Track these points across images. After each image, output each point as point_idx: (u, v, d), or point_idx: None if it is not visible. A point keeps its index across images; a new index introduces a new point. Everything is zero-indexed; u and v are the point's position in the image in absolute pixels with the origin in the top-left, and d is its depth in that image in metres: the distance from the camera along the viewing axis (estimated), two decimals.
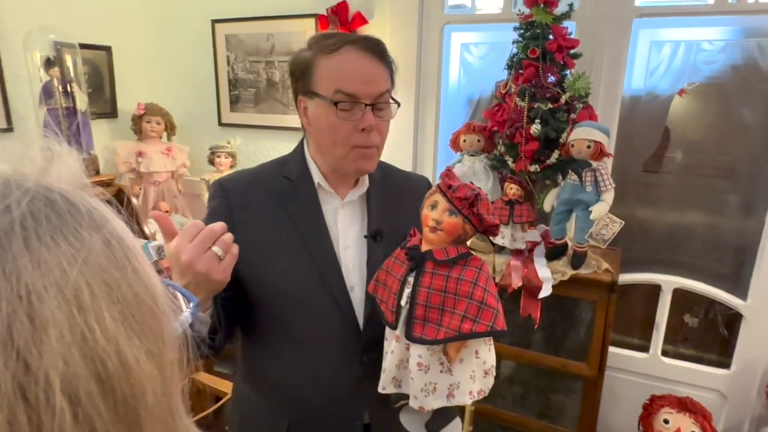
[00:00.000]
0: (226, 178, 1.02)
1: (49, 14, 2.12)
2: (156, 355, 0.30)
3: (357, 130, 0.89)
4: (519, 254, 1.74)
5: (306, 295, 0.95)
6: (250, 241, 0.93)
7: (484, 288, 0.80)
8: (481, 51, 2.12)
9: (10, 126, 2.07)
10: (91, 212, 0.30)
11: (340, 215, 1.00)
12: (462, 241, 0.85)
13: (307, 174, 0.99)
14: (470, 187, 0.84)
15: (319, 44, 0.90)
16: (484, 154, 1.83)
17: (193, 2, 2.54)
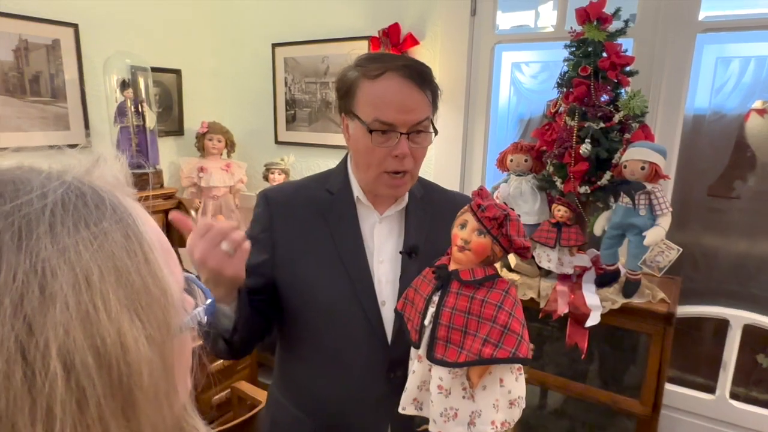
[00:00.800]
0: (271, 189, 1.07)
1: (127, 41, 2.33)
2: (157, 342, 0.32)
3: (391, 156, 0.90)
4: (566, 279, 1.66)
5: (336, 307, 0.97)
6: (286, 248, 0.99)
7: (509, 312, 0.77)
8: (533, 70, 2.08)
9: (89, 143, 2.27)
10: (116, 207, 0.33)
11: (377, 230, 1.01)
12: (491, 262, 0.83)
13: (348, 188, 1.01)
14: (501, 207, 0.82)
15: (364, 67, 0.91)
16: (532, 175, 1.78)
17: (255, 28, 2.69)
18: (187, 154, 2.70)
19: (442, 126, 2.19)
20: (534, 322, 1.74)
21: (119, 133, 2.21)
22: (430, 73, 0.92)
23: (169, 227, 2.31)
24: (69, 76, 2.17)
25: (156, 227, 0.38)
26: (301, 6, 2.51)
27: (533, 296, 1.68)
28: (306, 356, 1.02)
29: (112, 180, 0.37)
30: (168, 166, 2.64)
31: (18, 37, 2.00)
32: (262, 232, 1.00)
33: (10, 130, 2.02)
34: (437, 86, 0.95)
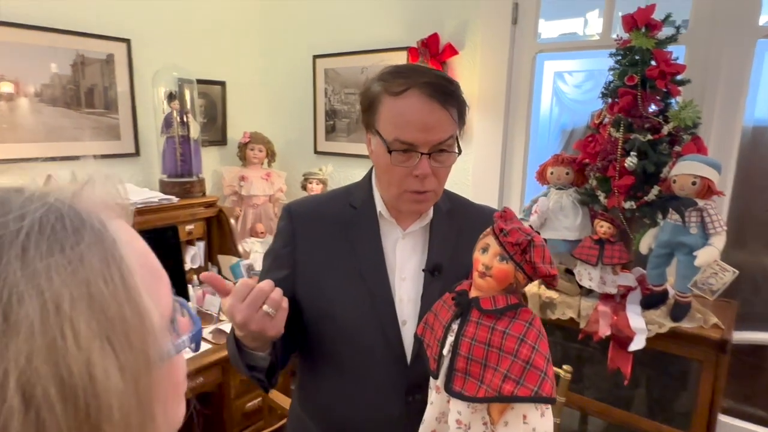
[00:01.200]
0: (295, 202, 1.06)
1: (175, 55, 2.42)
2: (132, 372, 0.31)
3: (411, 175, 0.88)
4: (609, 299, 1.57)
5: (355, 325, 0.94)
6: (308, 263, 0.97)
7: (532, 346, 0.72)
8: (577, 79, 2.01)
9: (138, 152, 2.37)
10: (97, 231, 0.32)
11: (400, 246, 0.98)
12: (513, 290, 0.78)
13: (371, 202, 0.99)
14: (525, 230, 0.76)
15: (387, 81, 0.89)
16: (573, 188, 1.70)
17: (297, 40, 2.74)
18: (229, 163, 2.77)
19: (481, 137, 2.15)
20: (573, 342, 1.66)
21: (165, 143, 2.29)
22: (455, 89, 0.89)
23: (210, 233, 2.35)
24: (121, 89, 2.28)
25: (144, 251, 0.37)
26: (342, 18, 2.53)
27: (573, 316, 1.60)
28: (324, 373, 1.00)
29: (100, 202, 0.36)
30: (211, 174, 2.71)
31: (75, 53, 2.12)
32: (284, 247, 0.99)
33: (67, 140, 2.13)
34: (464, 102, 0.91)
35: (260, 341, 0.83)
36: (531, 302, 1.67)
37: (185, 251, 2.28)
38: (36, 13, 1.97)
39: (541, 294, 1.66)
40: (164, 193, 2.22)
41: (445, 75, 0.91)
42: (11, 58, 1.93)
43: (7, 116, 1.96)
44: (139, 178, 2.37)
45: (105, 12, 2.18)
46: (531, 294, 1.67)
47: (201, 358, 1.81)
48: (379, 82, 0.90)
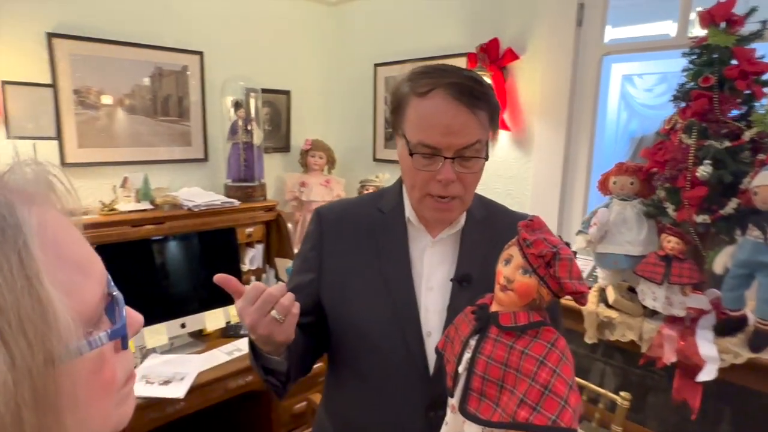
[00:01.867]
0: (325, 206, 1.03)
1: (243, 65, 2.55)
2: (26, 370, 0.29)
3: (434, 179, 0.84)
4: (676, 322, 1.42)
5: (377, 334, 0.90)
6: (333, 267, 0.95)
7: (552, 370, 0.65)
8: (648, 82, 1.86)
9: (206, 157, 2.51)
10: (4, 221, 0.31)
11: (428, 254, 0.94)
12: (537, 306, 0.71)
13: (400, 208, 0.96)
14: (552, 242, 0.70)
15: (414, 82, 0.85)
16: (638, 200, 1.57)
17: (359, 50, 2.79)
18: (292, 169, 2.86)
19: (542, 146, 2.05)
20: (634, 367, 1.52)
21: (230, 149, 2.41)
22: (485, 91, 0.84)
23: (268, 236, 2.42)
24: (194, 98, 2.43)
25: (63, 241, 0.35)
26: (403, 26, 2.54)
27: (634, 338, 1.47)
28: (347, 381, 0.97)
29: (19, 190, 0.34)
30: (274, 180, 2.81)
31: (154, 65, 2.29)
32: (311, 250, 0.98)
33: (143, 146, 2.31)
34: (496, 104, 0.86)
35: (272, 345, 0.82)
36: (587, 321, 1.56)
37: (245, 253, 2.37)
38: (120, 29, 2.16)
39: (599, 312, 1.54)
40: (227, 196, 2.33)
41: (475, 75, 0.85)
42: (98, 70, 2.13)
43: (98, 124, 2.15)
44: (207, 182, 2.51)
45: (181, 27, 2.34)
46: (588, 312, 1.56)
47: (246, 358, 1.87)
48: (407, 83, 0.87)
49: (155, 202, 2.15)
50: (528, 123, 2.11)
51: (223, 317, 2.04)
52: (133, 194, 2.15)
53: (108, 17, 2.13)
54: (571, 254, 0.69)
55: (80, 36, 2.05)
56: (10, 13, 1.89)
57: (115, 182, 2.14)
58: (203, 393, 1.74)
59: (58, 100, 2.02)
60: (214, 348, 1.96)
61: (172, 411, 1.66)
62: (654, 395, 1.50)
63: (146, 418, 1.62)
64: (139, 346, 1.82)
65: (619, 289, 1.56)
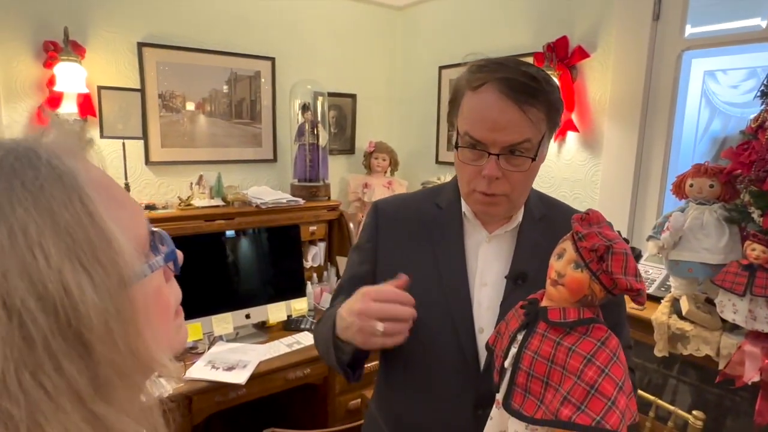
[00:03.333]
0: (383, 200, 1.05)
1: (312, 70, 2.65)
2: (107, 289, 0.34)
3: (480, 175, 0.83)
4: (760, 338, 1.29)
5: (430, 329, 0.89)
6: (388, 261, 0.95)
7: (601, 369, 0.63)
8: (733, 79, 1.71)
9: (275, 158, 2.63)
10: (56, 166, 0.36)
11: (483, 249, 0.92)
12: (589, 302, 0.69)
13: (457, 203, 0.95)
14: (607, 235, 0.67)
15: (470, 75, 0.84)
16: (719, 204, 1.45)
17: (424, 53, 2.80)
18: (356, 171, 2.92)
19: (612, 147, 1.95)
20: (709, 385, 1.40)
21: (297, 150, 2.50)
22: (541, 87, 0.80)
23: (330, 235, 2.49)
24: (265, 102, 2.56)
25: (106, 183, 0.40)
26: (468, 27, 2.52)
27: (710, 353, 1.35)
28: (398, 379, 0.97)
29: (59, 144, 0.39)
30: (339, 181, 2.89)
31: (230, 71, 2.44)
32: (367, 242, 0.99)
33: (218, 146, 2.46)
34: (554, 101, 0.83)
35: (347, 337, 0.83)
36: (657, 332, 1.45)
37: (307, 250, 2.45)
38: (200, 38, 2.33)
39: (671, 324, 1.44)
40: (293, 195, 2.42)
41: (534, 71, 0.82)
42: (180, 76, 2.30)
43: (178, 126, 2.32)
44: (275, 181, 2.63)
45: (254, 35, 2.48)
46: (659, 323, 1.46)
47: (308, 350, 1.92)
48: (465, 75, 0.86)
49: (227, 199, 2.29)
50: (597, 124, 2.01)
51: (285, 310, 2.12)
52: (208, 191, 2.29)
53: (189, 28, 2.30)
54: (628, 249, 0.66)
55: (166, 45, 2.23)
56: (106, 25, 2.10)
57: (193, 180, 2.30)
58: (263, 381, 1.82)
59: (145, 103, 2.21)
60: (276, 339, 2.04)
61: (235, 396, 1.75)
62: (733, 418, 1.37)
63: (211, 401, 1.72)
64: (207, 333, 1.94)
65: (694, 300, 1.44)
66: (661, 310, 1.51)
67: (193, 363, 1.80)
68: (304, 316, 2.20)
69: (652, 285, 1.65)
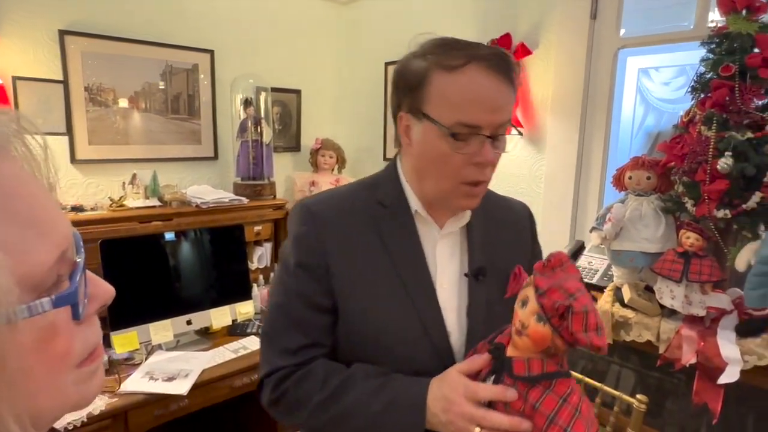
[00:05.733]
0: (314, 202, 0.88)
1: (254, 64, 2.55)
2: None
3: (470, 163, 0.77)
4: (696, 322, 1.36)
5: (401, 339, 0.83)
6: (342, 274, 0.84)
7: (562, 428, 0.63)
8: (665, 76, 1.80)
9: (216, 156, 2.51)
10: None
11: (439, 248, 0.87)
12: (552, 354, 0.67)
13: (404, 200, 0.86)
14: (569, 289, 0.65)
15: (438, 55, 0.75)
16: (656, 195, 1.51)
17: (370, 49, 2.77)
18: (302, 169, 2.85)
19: (555, 142, 2.00)
20: (651, 370, 1.46)
21: (239, 147, 2.40)
22: (513, 63, 0.78)
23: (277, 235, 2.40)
24: (204, 97, 2.43)
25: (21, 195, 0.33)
26: (414, 24, 2.52)
27: (651, 339, 1.41)
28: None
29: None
30: (284, 179, 2.80)
31: (165, 63, 2.30)
32: (312, 257, 0.84)
33: (154, 143, 2.31)
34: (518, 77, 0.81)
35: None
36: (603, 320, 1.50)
37: (253, 251, 2.36)
38: (131, 27, 2.17)
39: (614, 312, 1.48)
40: (236, 194, 2.32)
41: (500, 48, 0.79)
42: (109, 68, 2.14)
43: (108, 121, 2.16)
44: (216, 180, 2.51)
45: (191, 25, 2.35)
46: (603, 312, 1.50)
47: (255, 356, 1.84)
48: (423, 57, 0.77)
49: (164, 199, 2.15)
50: (540, 120, 2.06)
51: (229, 315, 2.02)
52: (142, 191, 2.15)
53: (119, 15, 2.14)
54: (588, 304, 0.64)
55: (92, 33, 2.07)
56: (23, 9, 1.91)
57: (125, 179, 2.14)
58: (208, 390, 1.72)
59: (69, 96, 2.04)
60: (221, 346, 1.93)
61: (176, 408, 1.64)
62: (672, 399, 1.43)
63: (150, 415, 1.60)
64: (144, 342, 1.81)
65: (635, 288, 1.50)
66: (604, 299, 1.55)
67: (129, 375, 1.67)
68: (250, 320, 2.11)
69: (595, 275, 1.71)
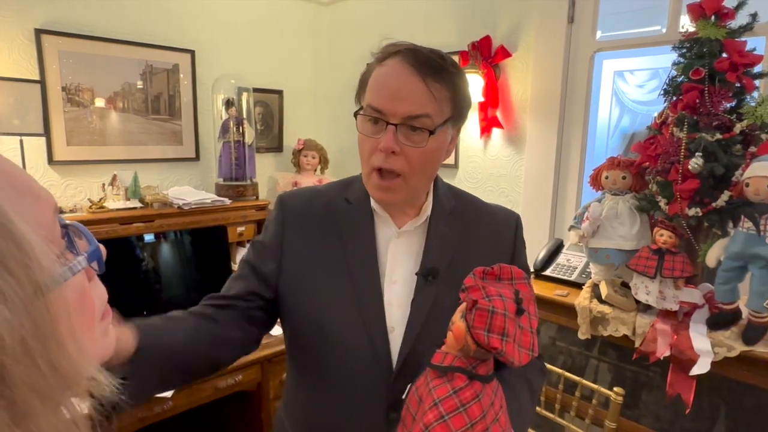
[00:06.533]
0: (288, 194, 0.98)
1: (235, 64, 2.54)
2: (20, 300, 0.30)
3: (378, 149, 0.80)
4: (669, 316, 1.41)
5: (340, 328, 0.86)
6: (294, 260, 0.90)
7: (441, 414, 0.66)
8: (639, 79, 1.86)
9: (198, 156, 2.49)
10: None
11: (393, 246, 0.89)
12: (467, 353, 0.70)
13: (366, 196, 0.90)
14: (490, 293, 0.67)
15: (380, 54, 0.84)
16: (631, 194, 1.56)
17: (351, 49, 2.78)
18: (284, 169, 2.85)
19: (534, 142, 2.05)
20: (628, 363, 1.51)
21: (221, 148, 2.39)
22: (447, 68, 0.80)
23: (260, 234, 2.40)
24: (185, 97, 2.41)
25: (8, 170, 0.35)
26: (395, 25, 2.54)
27: (627, 333, 1.46)
28: (308, 381, 0.92)
29: None
30: (267, 180, 2.80)
31: (145, 63, 2.27)
32: (273, 238, 0.92)
33: (134, 144, 2.29)
34: (460, 88, 0.83)
35: None
36: (581, 317, 1.54)
37: (236, 252, 2.35)
38: (110, 26, 2.15)
39: (593, 308, 1.53)
40: (219, 195, 2.31)
41: (445, 55, 0.82)
42: (88, 68, 2.11)
43: (87, 122, 2.13)
44: (198, 181, 2.49)
45: (172, 25, 2.33)
46: (582, 308, 1.55)
47: None
48: (374, 57, 0.85)
49: (145, 201, 2.13)
50: (520, 121, 2.10)
51: None
52: (122, 192, 2.12)
53: (98, 14, 2.11)
54: (498, 307, 0.66)
55: (69, 32, 2.04)
56: None
57: (105, 181, 2.12)
58: (192, 392, 1.71)
59: (47, 97, 2.00)
60: None
61: (160, 410, 1.63)
62: (648, 391, 1.48)
63: (134, 418, 1.59)
64: None
65: (612, 284, 1.55)
66: (583, 295, 1.60)
67: None
68: None
69: (574, 272, 1.75)
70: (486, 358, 0.70)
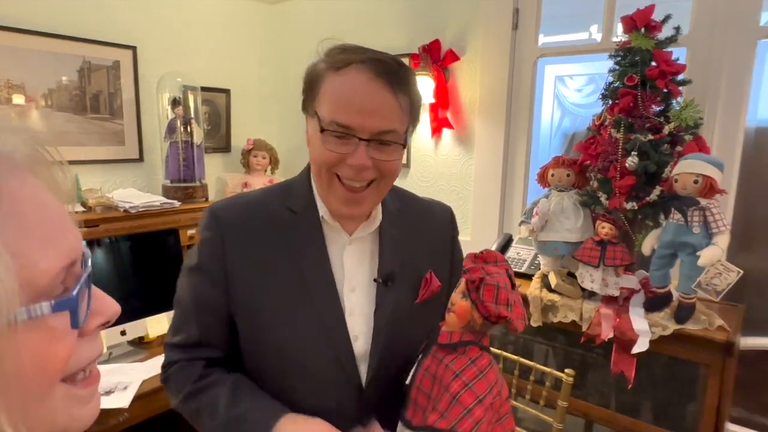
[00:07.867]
0: (221, 206, 0.87)
1: (180, 62, 2.45)
2: None
3: (345, 163, 0.76)
4: (611, 301, 1.54)
5: (302, 345, 0.83)
6: (242, 280, 0.83)
7: (465, 383, 0.74)
8: (578, 83, 2.00)
9: (141, 157, 2.39)
10: None
11: (347, 254, 0.87)
12: (473, 328, 0.78)
13: (313, 205, 0.86)
14: (489, 270, 0.76)
15: (332, 58, 0.77)
16: (574, 190, 1.68)
17: (300, 48, 2.78)
18: (233, 170, 2.79)
19: (483, 143, 2.14)
20: (576, 347, 1.63)
21: (168, 149, 2.31)
22: (407, 75, 0.77)
23: None
24: (126, 95, 2.31)
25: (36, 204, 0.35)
26: (344, 26, 2.56)
27: (575, 319, 1.57)
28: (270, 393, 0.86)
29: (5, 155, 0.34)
30: (215, 181, 2.73)
31: (82, 59, 2.15)
32: (212, 260, 0.83)
33: (72, 145, 2.16)
34: (417, 94, 0.81)
35: None
36: (532, 305, 1.65)
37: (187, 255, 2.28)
38: (42, 19, 2.01)
39: (543, 297, 1.64)
40: (167, 197, 2.23)
41: (400, 60, 0.79)
42: (19, 63, 1.97)
43: None
44: (143, 183, 2.39)
45: (111, 19, 2.22)
46: (533, 297, 1.65)
47: None
48: (323, 60, 0.79)
49: (87, 204, 2.02)
50: (469, 122, 2.20)
51: (166, 322, 1.95)
52: None
53: (27, 6, 1.98)
54: (501, 283, 0.75)
55: None
56: None
57: None
58: (149, 402, 1.65)
59: None
60: (158, 355, 1.86)
61: (116, 422, 1.56)
62: (595, 372, 1.61)
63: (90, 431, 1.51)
64: None
65: (559, 274, 1.67)
66: (533, 285, 1.71)
67: None
68: None
69: (524, 264, 1.87)
70: (486, 330, 0.79)
